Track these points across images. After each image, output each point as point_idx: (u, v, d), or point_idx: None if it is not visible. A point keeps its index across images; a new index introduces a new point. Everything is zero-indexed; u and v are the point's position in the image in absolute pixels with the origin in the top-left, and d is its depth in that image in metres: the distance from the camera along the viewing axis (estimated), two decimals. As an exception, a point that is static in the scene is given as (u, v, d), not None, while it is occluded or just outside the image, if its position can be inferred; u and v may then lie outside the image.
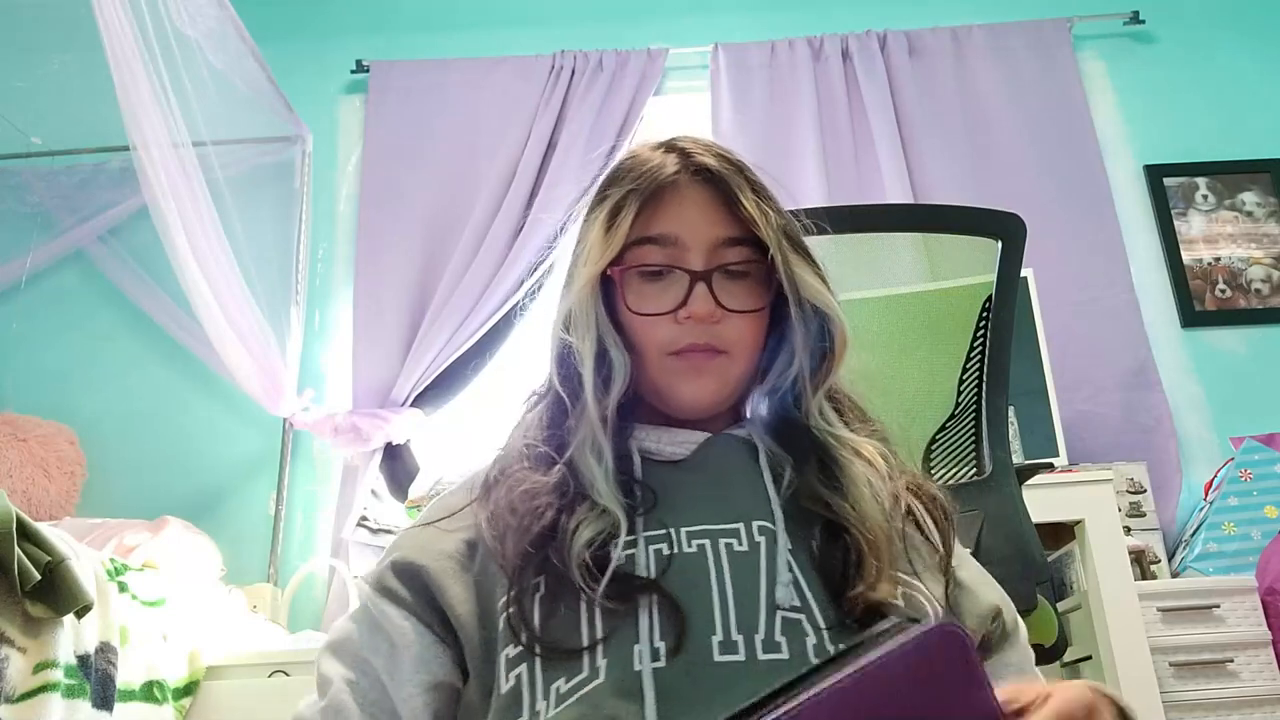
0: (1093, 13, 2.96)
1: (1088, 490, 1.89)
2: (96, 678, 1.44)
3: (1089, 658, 1.88)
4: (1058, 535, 1.97)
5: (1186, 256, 2.75)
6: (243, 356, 2.30)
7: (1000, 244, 1.22)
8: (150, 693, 1.60)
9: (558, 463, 0.78)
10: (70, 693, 1.37)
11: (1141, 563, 2.09)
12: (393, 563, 0.80)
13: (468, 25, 3.09)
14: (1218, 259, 2.75)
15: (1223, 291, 2.72)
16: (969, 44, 2.91)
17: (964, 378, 1.24)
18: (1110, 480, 1.93)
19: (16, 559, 1.28)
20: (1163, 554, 2.28)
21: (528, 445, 0.80)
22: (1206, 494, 2.36)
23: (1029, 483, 1.25)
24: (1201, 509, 2.33)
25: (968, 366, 1.23)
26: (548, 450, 0.79)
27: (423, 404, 2.60)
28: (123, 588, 1.57)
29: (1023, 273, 1.53)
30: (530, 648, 0.70)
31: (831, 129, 2.78)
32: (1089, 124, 2.84)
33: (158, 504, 2.35)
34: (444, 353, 2.60)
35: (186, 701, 1.73)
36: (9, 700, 1.27)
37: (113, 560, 1.61)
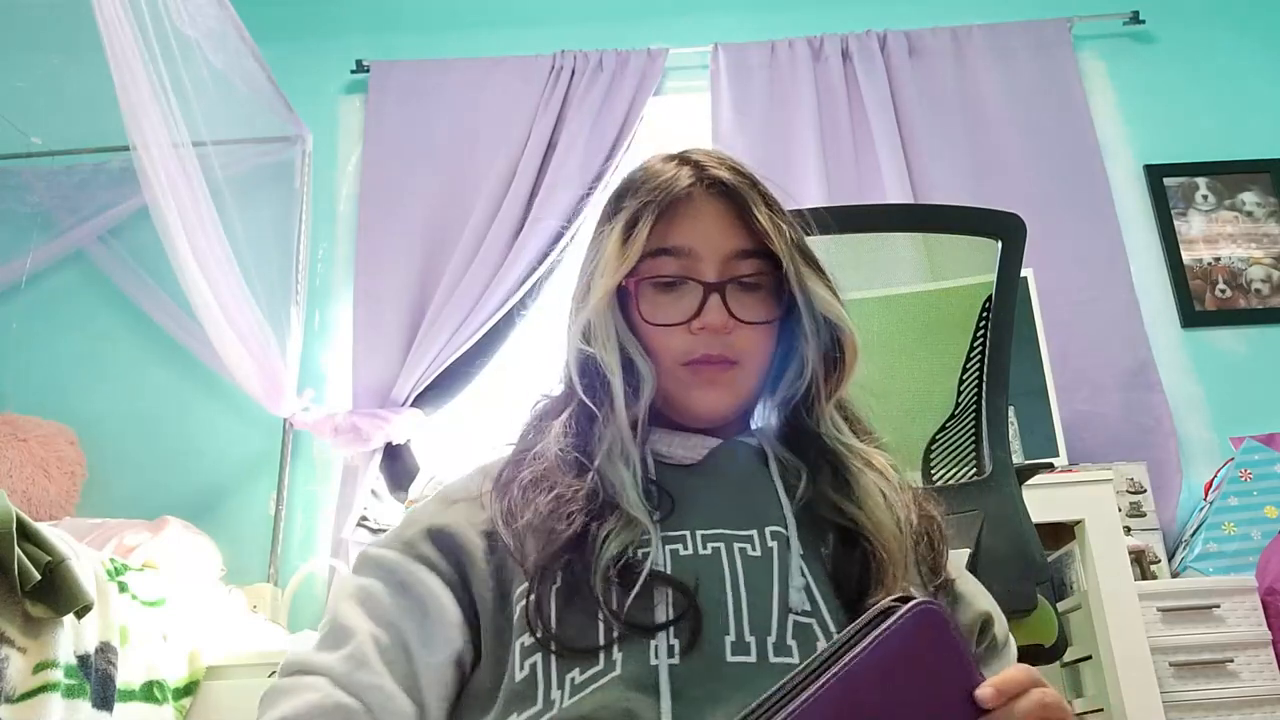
0: (1093, 13, 2.96)
1: (1088, 490, 1.89)
2: (96, 678, 1.44)
3: (1089, 658, 1.88)
4: (1058, 535, 1.96)
5: (1186, 256, 2.75)
6: (243, 356, 2.29)
7: (1000, 244, 1.22)
8: (150, 693, 1.60)
9: (587, 469, 0.78)
10: (70, 693, 1.37)
11: (1141, 563, 2.09)
12: (428, 529, 0.79)
13: (468, 25, 3.09)
14: (1218, 259, 2.75)
15: (1223, 291, 2.72)
16: (969, 44, 2.91)
17: (964, 378, 1.24)
18: (1110, 480, 1.92)
19: (16, 559, 1.28)
20: (1163, 554, 2.28)
21: (561, 450, 0.80)
22: (1206, 494, 2.36)
23: (1029, 483, 1.25)
24: (1201, 509, 2.33)
25: (968, 366, 1.23)
26: (578, 456, 0.80)
27: (423, 404, 2.60)
28: (123, 588, 1.57)
29: (1023, 273, 1.53)
30: (546, 645, 0.71)
31: (831, 129, 2.78)
32: (1089, 124, 2.84)
33: (158, 504, 2.35)
34: (444, 353, 2.60)
35: (186, 701, 1.73)
36: (9, 700, 1.27)
37: (113, 560, 1.61)
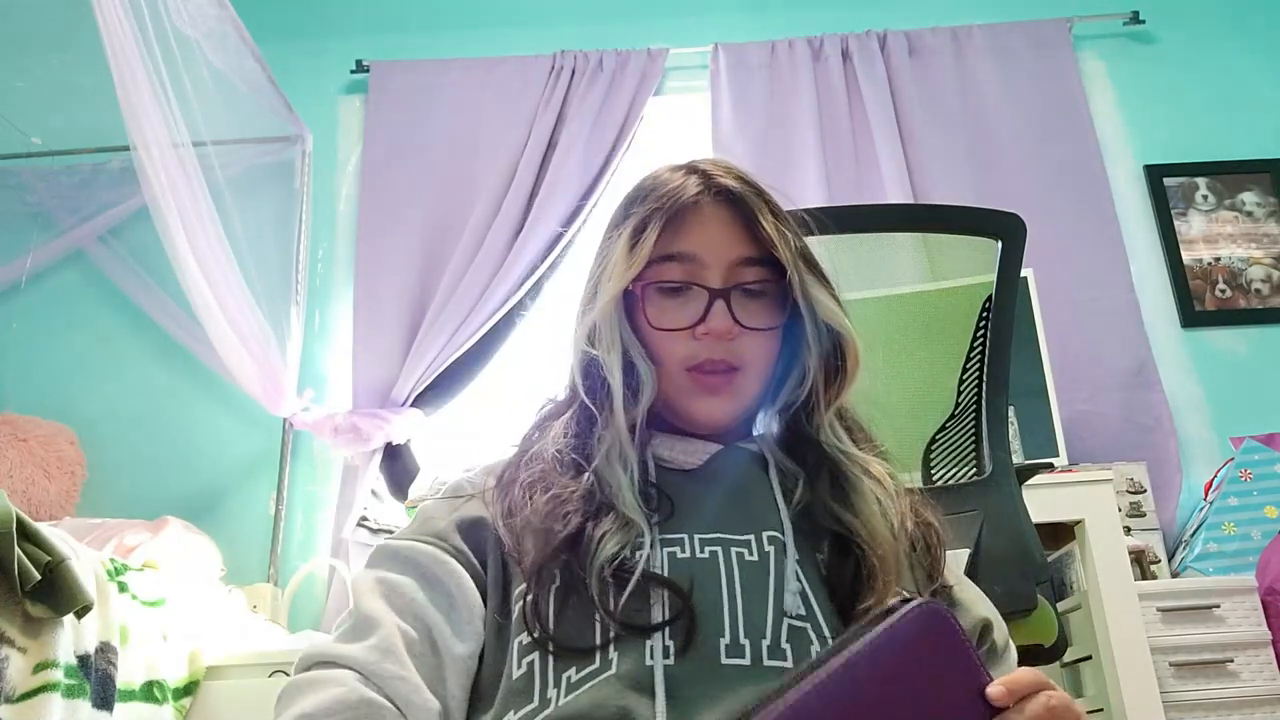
0: (1093, 13, 2.96)
1: (1088, 490, 1.89)
2: (96, 678, 1.44)
3: (1089, 658, 1.88)
4: (1058, 535, 1.96)
5: (1186, 256, 2.75)
6: (243, 357, 2.29)
7: (1000, 244, 1.22)
8: (150, 693, 1.60)
9: (584, 470, 0.79)
10: (70, 693, 1.37)
11: (1141, 563, 2.09)
12: (458, 521, 0.80)
13: (468, 25, 3.09)
14: (1218, 259, 2.75)
15: (1223, 291, 2.72)
16: (969, 44, 2.91)
17: (964, 378, 1.24)
18: (1110, 480, 1.92)
19: (16, 559, 1.28)
20: (1163, 554, 2.28)
21: (559, 451, 0.81)
22: (1206, 494, 2.36)
23: (1029, 483, 1.25)
24: (1201, 509, 2.33)
25: (968, 366, 1.23)
26: (576, 458, 0.81)
27: (423, 404, 2.59)
28: (123, 588, 1.57)
29: (1023, 273, 1.53)
30: (543, 644, 0.71)
31: (831, 129, 2.78)
32: (1089, 124, 2.83)
33: (158, 504, 2.35)
34: (444, 353, 2.60)
35: (186, 701, 1.73)
36: (9, 700, 1.27)
37: (113, 560, 1.61)
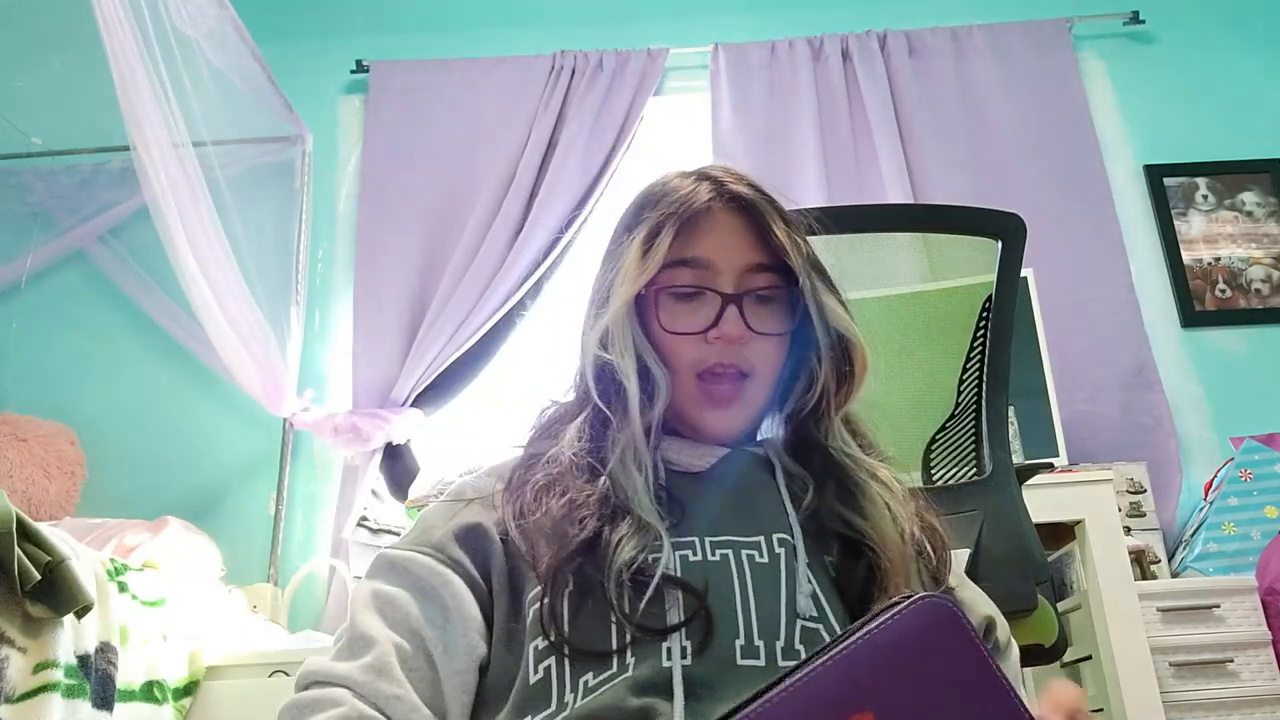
0: (1093, 13, 2.96)
1: (1088, 490, 1.90)
2: (96, 678, 1.44)
3: (1089, 658, 1.88)
4: (1058, 535, 1.96)
5: (1186, 256, 2.75)
6: (243, 357, 2.29)
7: (1000, 244, 1.21)
8: (150, 693, 1.60)
9: (599, 473, 0.79)
10: (70, 693, 1.37)
11: (1141, 563, 2.09)
12: (456, 529, 0.80)
13: (468, 25, 3.09)
14: (1218, 259, 2.75)
15: (1223, 291, 2.72)
16: (969, 44, 2.91)
17: (964, 378, 1.23)
18: (1110, 480, 1.93)
19: (16, 559, 1.28)
20: (1163, 554, 2.28)
21: (575, 455, 0.81)
22: (1206, 494, 2.36)
23: (1029, 483, 1.25)
24: (1201, 509, 2.33)
25: (968, 366, 1.23)
26: (592, 461, 0.81)
27: (423, 404, 2.59)
28: (123, 588, 1.57)
29: (1023, 273, 1.52)
30: (559, 649, 0.71)
31: (831, 129, 2.78)
32: (1089, 124, 2.83)
33: (158, 504, 2.35)
34: (444, 353, 2.60)
35: (186, 701, 1.73)
36: (9, 700, 1.27)
37: (113, 560, 1.61)
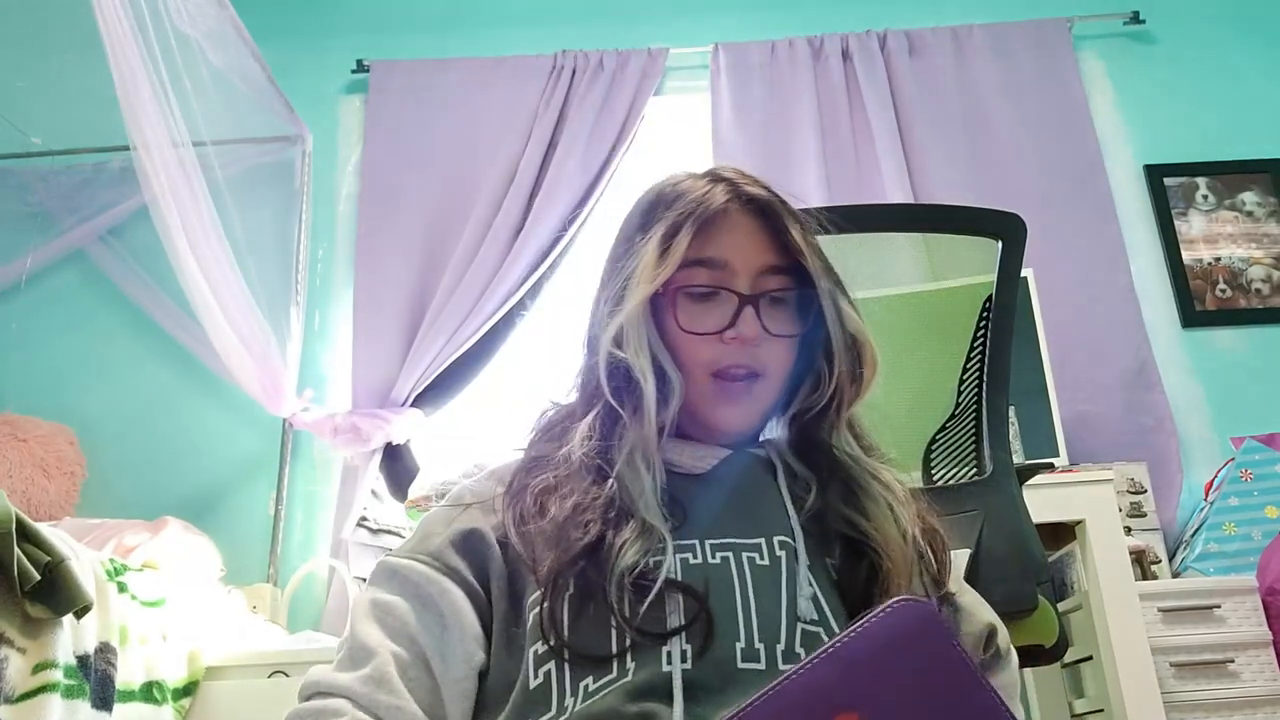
0: (1093, 13, 2.96)
1: (1088, 490, 1.89)
2: (96, 678, 1.44)
3: (1089, 658, 1.88)
4: (1058, 535, 1.96)
5: (1186, 256, 2.75)
6: (243, 357, 2.29)
7: (1000, 244, 1.21)
8: (150, 693, 1.60)
9: (606, 475, 0.79)
10: (70, 693, 1.37)
11: (1142, 563, 2.09)
12: (454, 536, 0.79)
13: (468, 25, 3.09)
14: (1218, 259, 2.75)
15: (1223, 291, 2.72)
16: (969, 44, 2.91)
17: (964, 378, 1.23)
18: (1110, 480, 1.92)
19: (16, 559, 1.28)
20: (1163, 554, 2.28)
21: (585, 455, 0.80)
22: (1207, 494, 2.36)
23: (1029, 483, 1.25)
24: (1202, 509, 2.33)
25: (968, 366, 1.23)
26: (599, 462, 0.80)
27: (423, 404, 2.59)
28: (122, 588, 1.57)
29: (1023, 273, 1.52)
30: (559, 653, 0.71)
31: (831, 129, 2.78)
32: (1089, 124, 2.83)
33: (158, 504, 2.35)
34: (444, 353, 2.60)
35: (186, 702, 1.72)
36: (8, 700, 1.27)
37: (112, 560, 1.61)
